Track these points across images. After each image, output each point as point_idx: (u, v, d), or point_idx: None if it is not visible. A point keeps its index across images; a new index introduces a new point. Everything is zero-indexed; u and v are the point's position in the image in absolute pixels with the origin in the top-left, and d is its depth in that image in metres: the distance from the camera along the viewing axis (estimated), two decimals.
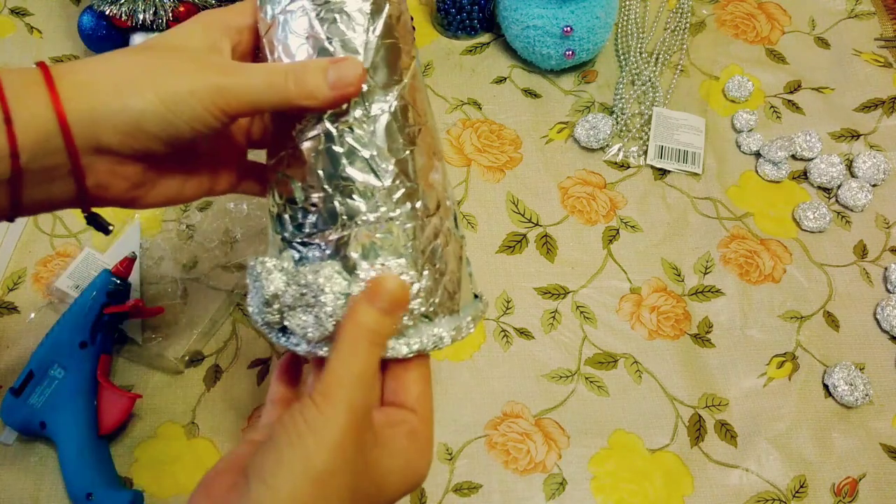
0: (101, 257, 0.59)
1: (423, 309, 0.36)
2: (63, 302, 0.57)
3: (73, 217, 0.63)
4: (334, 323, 0.35)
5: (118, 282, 0.54)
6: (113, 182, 0.35)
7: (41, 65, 0.32)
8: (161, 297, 0.58)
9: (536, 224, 0.64)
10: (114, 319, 0.53)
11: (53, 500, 0.51)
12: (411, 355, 0.36)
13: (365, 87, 0.35)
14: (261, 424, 0.37)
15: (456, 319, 0.38)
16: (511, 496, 0.53)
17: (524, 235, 0.63)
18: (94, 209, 0.37)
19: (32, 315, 0.58)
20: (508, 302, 0.60)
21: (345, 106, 0.35)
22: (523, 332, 0.59)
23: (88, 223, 0.37)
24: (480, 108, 0.69)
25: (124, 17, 0.61)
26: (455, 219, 0.40)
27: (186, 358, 0.56)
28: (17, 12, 0.72)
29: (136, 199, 0.37)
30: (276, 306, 0.37)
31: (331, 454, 0.30)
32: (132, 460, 0.53)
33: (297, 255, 0.37)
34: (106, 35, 0.64)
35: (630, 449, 0.55)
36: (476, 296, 0.42)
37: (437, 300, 0.37)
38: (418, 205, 0.37)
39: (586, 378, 0.57)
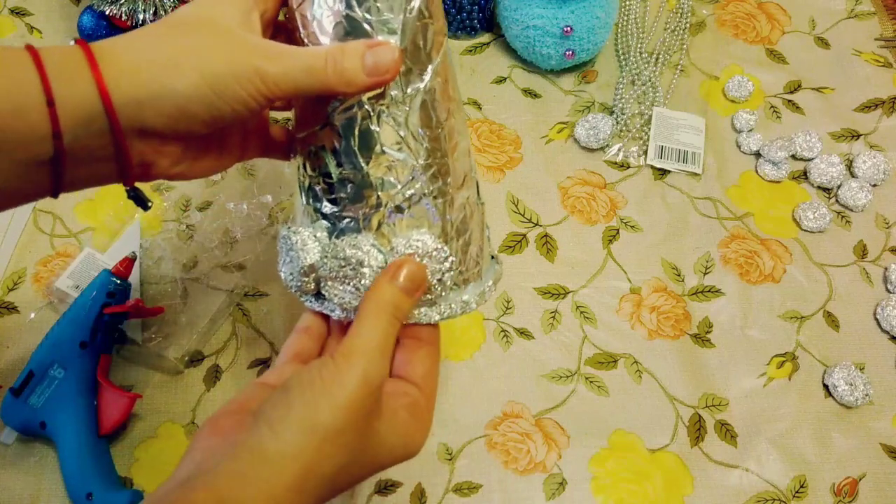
0: (101, 257, 0.59)
1: (453, 279, 0.39)
2: (63, 302, 0.57)
3: (74, 217, 0.63)
4: None
5: (118, 282, 0.54)
6: (156, 160, 0.35)
7: (81, 43, 0.31)
8: (161, 297, 0.58)
9: (536, 224, 0.64)
10: (114, 319, 0.53)
11: (53, 500, 0.51)
12: (441, 321, 0.39)
13: (402, 69, 0.35)
14: (274, 369, 0.39)
15: (479, 285, 0.41)
16: (511, 496, 0.53)
17: (524, 235, 0.63)
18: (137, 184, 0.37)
19: (32, 315, 0.58)
20: (508, 302, 0.60)
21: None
22: (523, 332, 0.59)
23: (130, 198, 0.37)
24: (480, 108, 0.69)
25: (124, 17, 0.61)
26: (477, 187, 0.42)
27: (186, 358, 0.56)
28: (17, 12, 0.72)
29: (178, 175, 0.38)
30: (312, 276, 0.39)
31: (339, 414, 0.31)
32: (132, 460, 0.53)
33: (330, 227, 0.38)
34: (106, 35, 0.64)
35: (630, 449, 0.55)
36: (493, 257, 0.44)
37: (465, 269, 0.39)
38: (449, 180, 0.38)
39: (586, 378, 0.57)
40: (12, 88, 0.29)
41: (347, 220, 0.37)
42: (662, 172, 0.66)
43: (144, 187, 0.64)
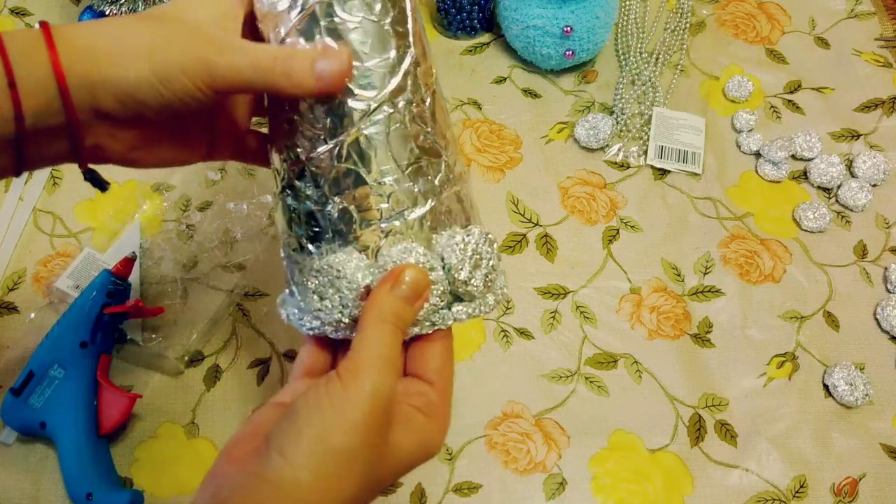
0: (101, 257, 0.59)
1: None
2: (63, 302, 0.57)
3: (74, 217, 0.63)
4: (357, 310, 0.35)
5: (118, 282, 0.54)
6: (111, 144, 0.36)
7: (44, 25, 0.32)
8: (161, 297, 0.58)
9: (536, 224, 0.64)
10: (114, 319, 0.53)
11: (53, 500, 0.51)
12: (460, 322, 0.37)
13: (365, 81, 0.35)
14: (287, 386, 0.38)
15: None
16: (511, 496, 0.53)
17: (524, 235, 0.63)
18: (93, 166, 0.37)
19: (32, 315, 0.58)
20: (508, 302, 0.60)
21: (369, 105, 0.35)
22: (523, 332, 0.59)
23: (86, 179, 0.38)
24: (480, 108, 0.69)
25: None
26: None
27: (186, 358, 0.56)
28: (18, 12, 0.72)
29: (134, 161, 0.38)
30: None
31: (351, 434, 0.30)
32: (132, 460, 0.53)
33: (360, 245, 0.36)
34: None
35: (630, 449, 0.55)
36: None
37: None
38: (451, 175, 0.38)
39: (586, 378, 0.57)
40: None
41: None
42: (662, 172, 0.66)
43: (153, 178, 0.64)
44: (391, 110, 0.36)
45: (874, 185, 0.66)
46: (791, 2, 0.76)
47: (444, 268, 0.36)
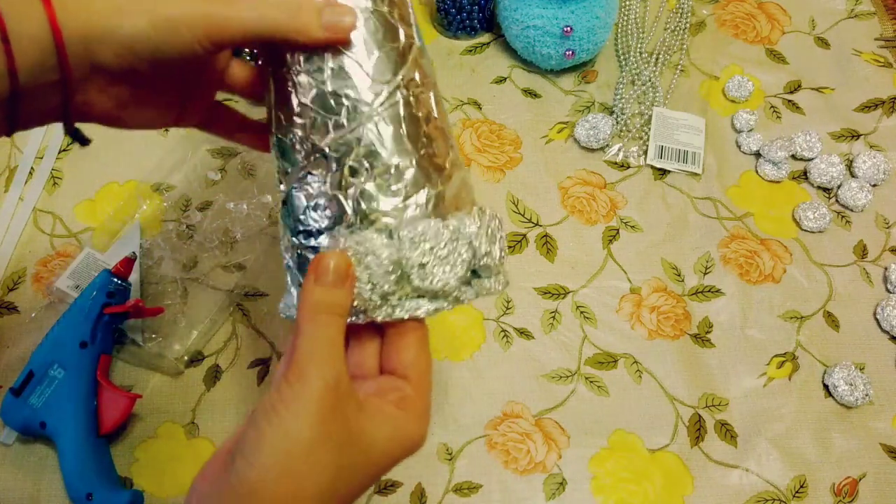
0: (101, 257, 0.59)
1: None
2: (63, 302, 0.57)
3: (74, 217, 0.63)
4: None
5: (118, 282, 0.54)
6: (100, 100, 0.36)
7: None
8: (161, 297, 0.58)
9: (536, 224, 0.64)
10: (114, 319, 0.53)
11: (53, 500, 0.51)
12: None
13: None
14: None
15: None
16: (511, 496, 0.53)
17: (524, 235, 0.63)
18: (78, 125, 0.37)
19: (32, 315, 0.58)
20: (508, 302, 0.60)
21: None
22: (523, 332, 0.59)
23: (67, 134, 0.37)
24: (480, 108, 0.69)
25: None
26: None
27: (186, 358, 0.56)
28: None
29: (118, 119, 0.38)
30: (398, 273, 0.36)
31: (309, 426, 0.31)
32: (132, 460, 0.53)
33: (387, 223, 0.37)
34: None
35: (630, 449, 0.55)
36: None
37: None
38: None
39: (586, 378, 0.57)
40: None
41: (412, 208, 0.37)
42: (662, 172, 0.66)
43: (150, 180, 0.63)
44: (404, 94, 0.37)
45: (874, 185, 0.66)
46: (791, 2, 0.76)
47: (466, 242, 0.37)
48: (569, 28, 0.65)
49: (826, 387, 0.57)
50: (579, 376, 0.57)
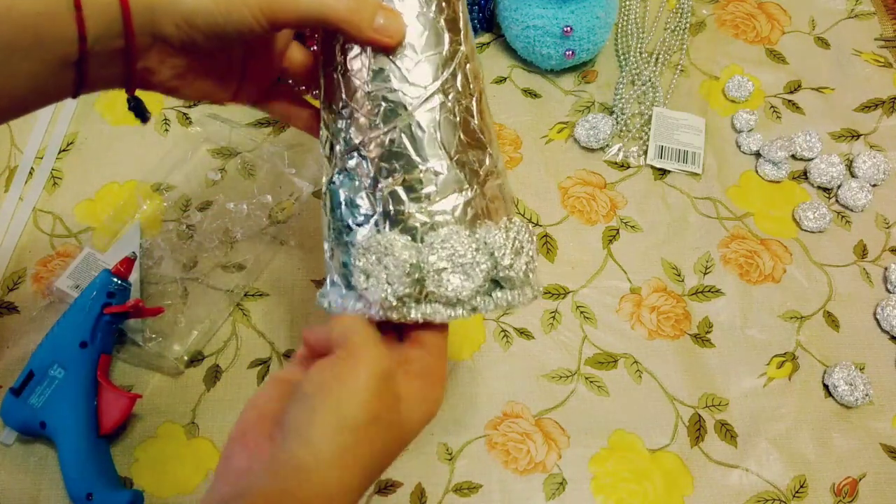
0: (101, 257, 0.59)
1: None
2: (63, 302, 0.57)
3: (74, 217, 0.63)
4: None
5: (118, 282, 0.54)
6: (159, 69, 0.37)
7: None
8: (161, 297, 0.58)
9: (536, 224, 0.64)
10: (114, 319, 0.53)
11: (53, 500, 0.51)
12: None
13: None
14: (288, 365, 0.39)
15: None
16: (511, 496, 0.53)
17: None
18: (139, 93, 0.39)
19: (32, 315, 0.58)
20: None
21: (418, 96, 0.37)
22: (523, 332, 0.59)
23: (130, 108, 0.39)
24: None
25: None
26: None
27: (186, 358, 0.56)
28: None
29: (177, 89, 0.39)
30: (416, 275, 0.37)
31: (364, 407, 0.32)
32: (132, 460, 0.53)
33: (412, 226, 0.38)
34: None
35: (630, 449, 0.55)
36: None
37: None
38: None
39: (586, 378, 0.57)
40: None
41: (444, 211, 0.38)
42: (662, 172, 0.66)
43: (148, 185, 0.64)
44: (442, 100, 0.38)
45: (874, 185, 0.66)
46: (791, 2, 0.76)
47: (488, 253, 0.38)
48: (569, 28, 0.65)
49: (826, 387, 0.57)
50: (579, 376, 0.57)
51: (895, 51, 0.74)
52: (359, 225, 0.38)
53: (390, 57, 0.37)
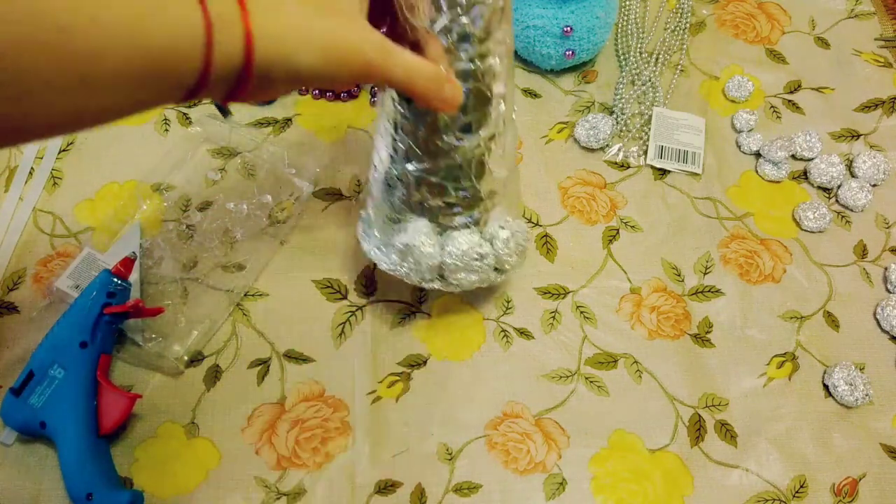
0: (101, 257, 0.59)
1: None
2: (63, 302, 0.57)
3: (74, 217, 0.63)
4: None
5: (118, 282, 0.54)
6: (261, 95, 0.40)
7: (240, 2, 0.35)
8: (161, 297, 0.58)
9: (536, 224, 0.64)
10: (114, 319, 0.53)
11: (53, 500, 0.51)
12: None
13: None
14: None
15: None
16: (511, 496, 0.53)
17: None
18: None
19: (32, 315, 0.58)
20: (508, 302, 0.60)
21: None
22: (523, 332, 0.59)
23: (217, 107, 0.42)
24: None
25: None
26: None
27: (186, 358, 0.56)
28: None
29: (261, 98, 0.42)
30: (437, 272, 0.52)
31: None
32: (132, 460, 0.53)
33: (441, 229, 0.51)
34: None
35: (630, 449, 0.55)
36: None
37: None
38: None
39: (586, 378, 0.57)
40: (182, 30, 0.34)
41: (464, 222, 0.50)
42: (662, 172, 0.66)
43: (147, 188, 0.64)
44: (482, 147, 0.48)
45: (874, 185, 0.66)
46: (791, 2, 0.76)
47: (493, 255, 0.52)
48: (569, 28, 0.65)
49: (826, 387, 0.57)
50: (579, 376, 0.57)
51: (895, 51, 0.74)
52: (401, 220, 0.51)
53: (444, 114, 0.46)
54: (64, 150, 0.66)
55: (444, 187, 0.48)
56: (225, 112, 0.42)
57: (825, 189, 0.66)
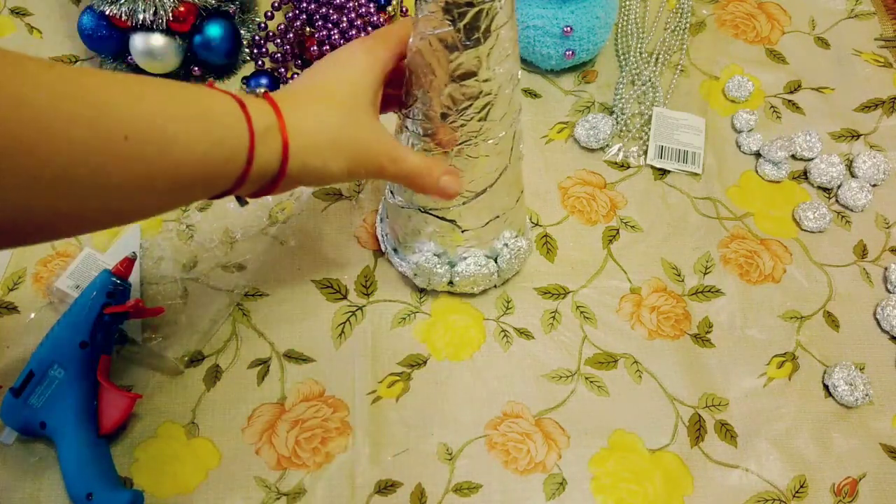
0: (101, 257, 0.59)
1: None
2: (63, 302, 0.57)
3: None
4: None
5: (118, 282, 0.53)
6: (283, 191, 0.43)
7: (281, 125, 0.39)
8: (161, 297, 0.58)
9: (536, 224, 0.64)
10: (114, 319, 0.53)
11: (53, 500, 0.51)
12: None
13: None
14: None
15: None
16: (511, 496, 0.53)
17: None
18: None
19: (32, 315, 0.58)
20: (508, 302, 0.60)
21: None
22: (523, 332, 0.59)
23: (237, 198, 0.43)
24: None
25: (124, 17, 0.61)
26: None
27: (186, 358, 0.56)
28: (17, 12, 0.72)
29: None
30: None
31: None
32: (132, 460, 0.53)
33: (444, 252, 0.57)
34: (106, 35, 0.64)
35: (630, 449, 0.55)
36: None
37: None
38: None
39: (586, 378, 0.57)
40: (229, 142, 0.37)
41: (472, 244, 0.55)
42: (662, 172, 0.66)
43: None
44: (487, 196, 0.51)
45: (874, 185, 0.66)
46: (791, 2, 0.76)
47: (495, 269, 0.57)
48: (569, 28, 0.65)
49: (826, 387, 0.57)
50: (579, 376, 0.57)
51: (895, 51, 0.74)
52: (416, 241, 0.55)
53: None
54: None
55: (453, 221, 0.52)
56: (244, 203, 0.43)
57: (825, 189, 0.66)
